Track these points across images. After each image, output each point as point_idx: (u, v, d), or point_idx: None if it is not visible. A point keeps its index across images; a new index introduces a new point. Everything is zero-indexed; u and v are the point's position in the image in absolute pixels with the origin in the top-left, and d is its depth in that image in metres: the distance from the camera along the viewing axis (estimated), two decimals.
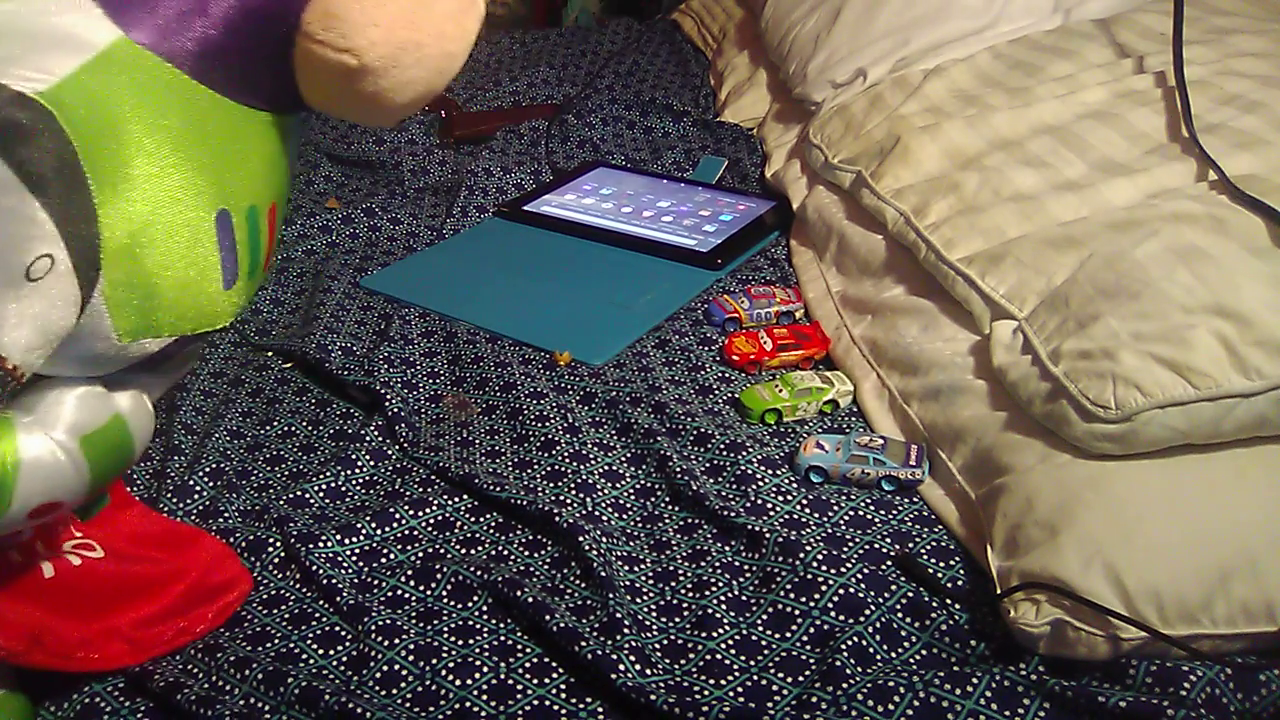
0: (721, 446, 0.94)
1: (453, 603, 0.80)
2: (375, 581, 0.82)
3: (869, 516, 0.87)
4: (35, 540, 0.69)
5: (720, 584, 0.81)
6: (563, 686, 0.73)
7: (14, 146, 0.51)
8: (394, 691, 0.72)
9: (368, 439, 0.98)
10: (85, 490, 0.62)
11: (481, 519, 0.89)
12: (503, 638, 0.77)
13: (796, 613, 0.77)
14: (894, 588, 0.79)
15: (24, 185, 0.51)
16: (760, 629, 0.77)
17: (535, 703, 0.71)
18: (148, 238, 0.56)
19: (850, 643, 0.74)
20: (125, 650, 0.72)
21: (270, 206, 0.65)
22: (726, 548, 0.85)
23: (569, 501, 0.89)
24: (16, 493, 0.57)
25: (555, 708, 0.71)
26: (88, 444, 0.60)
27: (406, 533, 0.88)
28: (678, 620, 0.79)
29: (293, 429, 1.03)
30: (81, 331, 0.56)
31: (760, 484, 0.90)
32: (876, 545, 0.83)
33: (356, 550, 0.85)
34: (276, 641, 0.77)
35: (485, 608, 0.80)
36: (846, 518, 0.87)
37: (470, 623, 0.78)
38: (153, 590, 0.75)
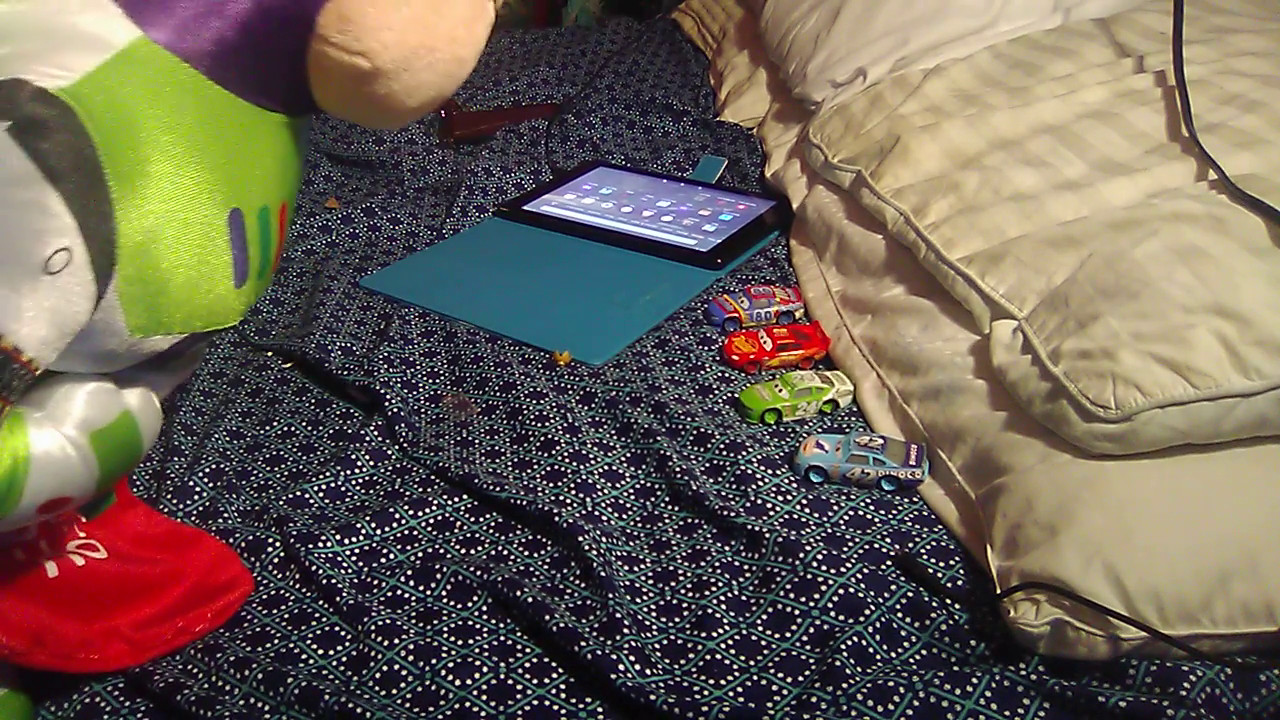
0: (721, 446, 0.94)
1: (452, 603, 0.80)
2: (375, 581, 0.82)
3: (869, 516, 0.87)
4: (40, 539, 0.69)
5: (720, 584, 0.81)
6: (562, 686, 0.73)
7: (35, 140, 0.52)
8: (394, 691, 0.72)
9: (367, 439, 0.98)
10: (94, 486, 0.62)
11: (481, 519, 0.89)
12: (502, 638, 0.77)
13: (796, 613, 0.77)
14: (894, 588, 0.79)
15: (44, 178, 0.52)
16: (760, 629, 0.77)
17: (535, 703, 0.71)
18: (162, 235, 0.57)
19: (850, 643, 0.74)
20: (125, 651, 0.72)
21: (281, 207, 0.65)
22: (726, 548, 0.85)
23: (569, 501, 0.89)
24: (27, 487, 0.57)
25: (555, 708, 0.71)
26: (97, 440, 0.61)
27: (406, 533, 0.88)
28: (677, 620, 0.79)
29: (292, 429, 1.03)
30: (94, 327, 0.57)
31: (760, 484, 0.90)
32: (876, 545, 0.83)
33: (356, 550, 0.85)
34: (276, 641, 0.77)
35: (485, 608, 0.80)
36: (846, 518, 0.87)
37: (470, 623, 0.78)
38: (154, 591, 0.76)
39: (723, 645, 0.76)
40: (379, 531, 0.87)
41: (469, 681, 0.73)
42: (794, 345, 1.09)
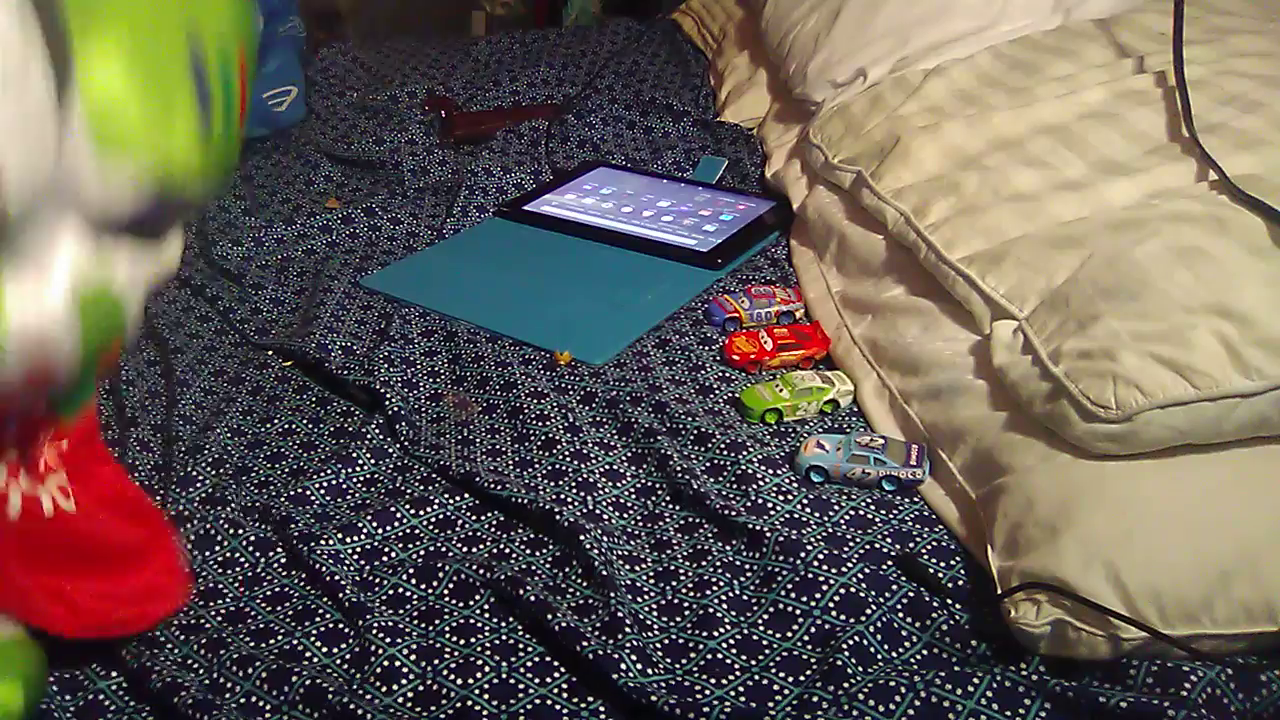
0: (722, 446, 0.95)
1: (454, 601, 0.81)
2: (377, 580, 0.82)
3: (869, 516, 0.87)
4: (19, 469, 0.67)
5: (721, 583, 0.81)
6: (564, 686, 0.73)
7: None
8: (395, 690, 0.72)
9: (368, 437, 0.98)
10: (75, 358, 0.60)
11: (483, 518, 0.89)
12: (504, 637, 0.77)
13: (797, 612, 0.77)
14: (895, 587, 0.79)
15: None
16: (761, 628, 0.77)
17: (536, 702, 0.72)
18: (121, 57, 0.55)
19: (851, 642, 0.74)
20: (64, 615, 0.71)
21: (240, 59, 0.63)
22: (727, 547, 0.85)
23: (570, 500, 0.90)
24: (7, 347, 0.55)
25: (556, 707, 0.71)
26: (79, 305, 0.59)
27: (408, 531, 0.88)
28: (679, 620, 0.79)
29: (293, 426, 1.03)
30: (63, 163, 0.54)
31: (761, 483, 0.90)
32: (877, 545, 0.83)
33: (358, 549, 0.85)
34: (279, 638, 0.77)
35: (487, 607, 0.80)
36: (847, 517, 0.87)
37: (472, 622, 0.78)
38: (109, 567, 0.74)
39: (724, 645, 0.76)
40: (380, 530, 0.87)
41: (471, 680, 0.73)
42: (794, 345, 1.09)
